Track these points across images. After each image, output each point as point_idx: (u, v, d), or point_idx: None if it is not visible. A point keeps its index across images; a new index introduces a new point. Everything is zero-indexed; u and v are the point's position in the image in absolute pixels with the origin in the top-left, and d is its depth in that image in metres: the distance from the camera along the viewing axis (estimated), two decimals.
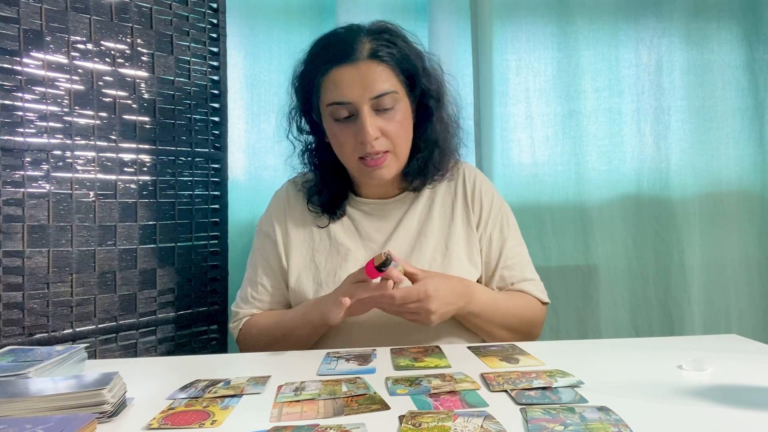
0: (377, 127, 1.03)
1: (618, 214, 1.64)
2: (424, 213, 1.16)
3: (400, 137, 1.07)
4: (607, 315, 1.64)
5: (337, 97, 1.03)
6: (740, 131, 1.66)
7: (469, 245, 1.14)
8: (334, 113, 1.05)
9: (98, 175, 1.25)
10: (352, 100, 1.02)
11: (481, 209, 1.16)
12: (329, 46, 1.05)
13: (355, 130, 1.03)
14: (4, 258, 1.12)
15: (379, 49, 1.03)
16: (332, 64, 1.03)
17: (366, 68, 1.02)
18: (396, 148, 1.07)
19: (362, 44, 1.03)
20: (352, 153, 1.06)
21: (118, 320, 1.28)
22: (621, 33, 1.65)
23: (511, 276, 1.15)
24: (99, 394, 0.66)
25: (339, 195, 1.16)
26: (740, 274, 1.65)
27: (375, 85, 1.02)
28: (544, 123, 1.65)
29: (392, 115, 1.04)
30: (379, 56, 1.02)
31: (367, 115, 1.02)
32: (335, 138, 1.08)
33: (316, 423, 0.64)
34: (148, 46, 1.32)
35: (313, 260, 1.13)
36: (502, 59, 1.65)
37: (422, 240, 1.13)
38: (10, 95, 1.13)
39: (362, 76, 1.01)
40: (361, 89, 1.01)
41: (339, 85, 1.02)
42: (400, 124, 1.06)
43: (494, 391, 0.73)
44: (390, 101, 1.03)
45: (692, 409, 0.66)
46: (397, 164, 1.09)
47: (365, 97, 1.02)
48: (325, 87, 1.04)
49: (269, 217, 1.19)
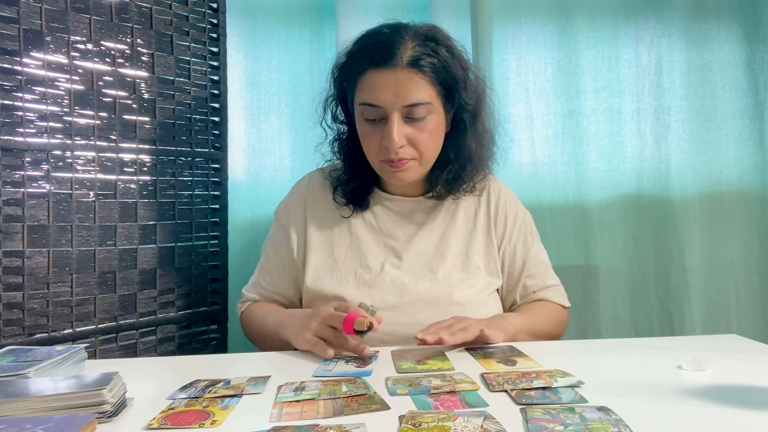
0: (404, 135, 1.02)
1: (618, 214, 1.64)
2: (448, 218, 1.15)
3: (428, 148, 1.05)
4: (607, 315, 1.64)
5: (369, 99, 1.02)
6: (740, 131, 1.66)
7: (487, 256, 1.14)
8: (364, 113, 1.04)
9: (98, 175, 1.25)
10: (383, 105, 1.01)
11: (505, 223, 1.16)
12: (372, 45, 1.03)
13: (382, 133, 1.02)
14: (4, 258, 1.12)
15: (421, 57, 1.00)
16: (370, 65, 1.01)
17: (403, 75, 1.00)
18: (422, 158, 1.06)
19: (404, 49, 1.00)
20: (377, 154, 1.06)
21: (118, 320, 1.28)
22: (621, 33, 1.65)
23: (533, 285, 1.16)
24: (99, 394, 0.66)
25: (365, 187, 1.15)
26: (740, 274, 1.65)
27: (409, 94, 1.00)
28: (544, 123, 1.65)
29: (423, 125, 1.03)
30: (419, 65, 1.00)
31: (395, 123, 1.00)
32: (363, 136, 1.07)
33: (316, 423, 0.64)
34: (148, 46, 1.32)
35: (332, 255, 1.13)
36: (502, 59, 1.64)
37: (444, 245, 1.12)
38: (10, 95, 1.13)
39: (398, 82, 1.00)
40: (394, 96, 1.00)
41: (373, 87, 1.01)
42: (429, 135, 1.04)
43: (494, 391, 0.73)
44: (423, 111, 1.02)
45: (692, 409, 0.66)
46: (421, 170, 1.08)
47: (397, 104, 1.00)
48: (360, 86, 1.03)
49: (285, 208, 1.19)
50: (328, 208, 1.16)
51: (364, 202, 1.15)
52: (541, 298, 1.16)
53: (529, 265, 1.16)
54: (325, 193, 1.17)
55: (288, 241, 1.15)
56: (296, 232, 1.16)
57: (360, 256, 1.11)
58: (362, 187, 1.15)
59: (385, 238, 1.13)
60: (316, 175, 1.21)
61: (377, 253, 1.11)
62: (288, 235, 1.16)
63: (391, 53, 1.00)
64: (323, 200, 1.17)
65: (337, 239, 1.14)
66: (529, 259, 1.16)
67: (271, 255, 1.18)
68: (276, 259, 1.17)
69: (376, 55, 1.01)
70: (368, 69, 1.01)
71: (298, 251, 1.15)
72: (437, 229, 1.14)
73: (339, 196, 1.15)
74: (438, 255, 1.11)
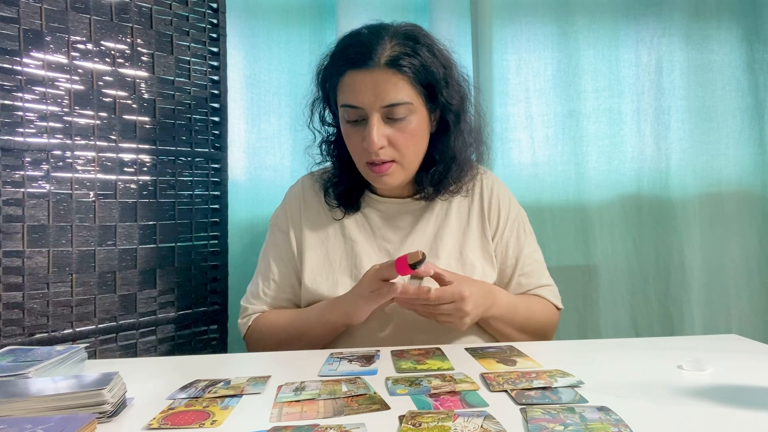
0: (385, 136, 1.01)
1: (618, 214, 1.64)
2: (441, 217, 1.15)
3: (409, 149, 1.04)
4: (607, 315, 1.64)
5: (349, 100, 1.02)
6: (740, 131, 1.66)
7: (483, 252, 1.14)
8: (345, 114, 1.04)
9: (98, 175, 1.25)
10: (362, 106, 1.00)
11: (498, 218, 1.16)
12: (350, 47, 1.03)
13: (363, 134, 1.02)
14: (4, 258, 1.12)
15: (400, 57, 0.99)
16: (348, 66, 1.01)
17: (380, 76, 0.99)
18: (403, 159, 1.05)
19: (382, 49, 0.99)
20: (360, 156, 1.06)
21: (118, 320, 1.28)
22: (621, 33, 1.65)
23: (528, 283, 1.15)
24: (99, 394, 0.66)
25: (355, 189, 1.15)
26: (740, 274, 1.65)
27: (388, 94, 0.99)
28: (544, 123, 1.65)
29: (404, 125, 1.02)
30: (397, 65, 0.99)
31: (374, 124, 1.00)
32: (346, 138, 1.07)
33: (316, 423, 0.64)
34: (148, 46, 1.32)
35: (327, 258, 1.12)
36: (502, 59, 1.64)
37: (438, 244, 1.12)
38: (10, 95, 1.13)
39: (376, 83, 0.99)
40: (372, 96, 0.99)
41: (352, 88, 1.01)
42: (410, 136, 1.03)
43: (494, 391, 0.73)
44: (403, 111, 1.01)
45: (692, 409, 0.66)
46: (404, 174, 1.08)
47: (376, 105, 1.00)
48: (341, 87, 1.03)
49: (283, 213, 1.18)
50: (322, 212, 1.16)
51: (355, 204, 1.14)
52: (537, 294, 1.16)
53: (523, 262, 1.15)
54: (318, 197, 1.17)
55: (290, 246, 1.15)
56: (295, 235, 1.15)
57: (354, 257, 1.11)
58: (352, 188, 1.14)
59: (379, 240, 1.13)
60: (307, 180, 1.21)
61: (371, 255, 1.11)
62: (289, 239, 1.15)
63: (369, 53, 0.99)
64: (316, 204, 1.17)
65: (332, 241, 1.14)
66: (522, 257, 1.16)
67: (274, 263, 1.15)
68: (279, 266, 1.15)
69: (353, 55, 1.01)
70: (347, 70, 1.01)
71: (298, 254, 1.14)
72: (430, 229, 1.14)
73: (330, 199, 1.15)
74: (432, 254, 1.11)
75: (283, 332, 1.09)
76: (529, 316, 1.11)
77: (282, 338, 1.08)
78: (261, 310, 1.15)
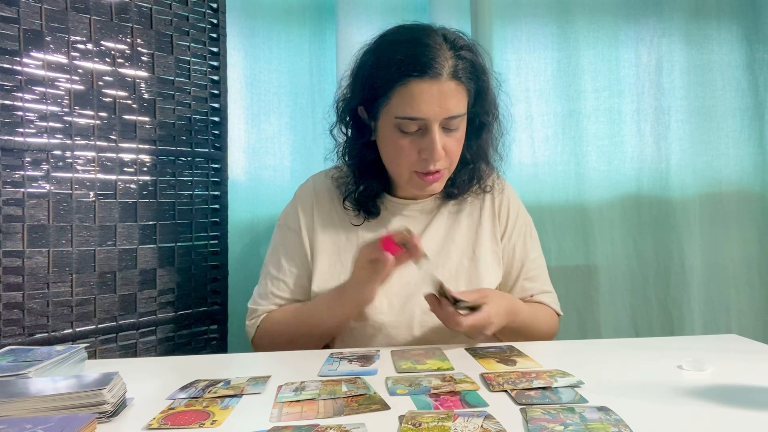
0: (443, 146, 1.01)
1: (618, 214, 1.64)
2: (453, 216, 1.15)
3: (457, 155, 1.06)
4: (607, 315, 1.64)
5: (411, 112, 0.98)
6: (740, 131, 1.66)
7: (493, 252, 1.14)
8: (401, 125, 1.00)
9: (98, 175, 1.25)
10: (425, 117, 0.98)
11: (507, 220, 1.17)
12: (414, 55, 0.97)
13: (420, 144, 1.00)
14: (4, 258, 1.12)
15: (461, 69, 0.99)
16: (413, 75, 0.96)
17: (447, 87, 0.97)
18: (451, 165, 1.06)
19: (445, 59, 0.97)
20: (411, 165, 1.03)
21: (118, 320, 1.28)
22: (621, 33, 1.65)
23: (532, 288, 1.16)
24: (99, 394, 0.66)
25: (375, 193, 1.13)
26: (740, 274, 1.65)
27: (452, 106, 0.98)
28: (544, 123, 1.65)
29: (455, 134, 1.02)
30: (459, 77, 0.98)
31: (437, 136, 0.99)
32: (395, 148, 1.03)
33: (316, 423, 0.64)
34: (148, 46, 1.32)
35: (339, 261, 1.11)
36: (502, 59, 1.64)
37: (450, 243, 1.12)
38: (10, 95, 1.13)
39: (442, 94, 0.97)
40: (438, 108, 0.97)
41: (417, 99, 0.97)
42: (459, 143, 1.04)
43: (494, 391, 0.73)
44: (459, 122, 1.02)
45: (692, 409, 0.66)
46: (447, 178, 1.09)
47: (440, 117, 0.98)
48: (400, 96, 0.98)
49: (294, 211, 1.16)
50: (335, 213, 1.14)
51: (374, 209, 1.12)
52: (540, 301, 1.17)
53: (528, 267, 1.16)
54: (332, 198, 1.16)
55: (302, 245, 1.13)
56: (308, 235, 1.13)
57: None
58: (374, 192, 1.12)
59: None
60: (321, 179, 1.19)
61: None
62: (301, 239, 1.13)
63: (436, 63, 0.96)
64: (329, 205, 1.15)
65: (344, 244, 1.12)
66: (528, 262, 1.16)
67: (284, 263, 1.13)
68: (290, 265, 1.13)
69: (419, 64, 0.96)
70: (411, 79, 0.96)
71: (311, 253, 1.13)
72: (442, 228, 1.14)
73: (350, 203, 1.13)
74: (444, 253, 1.11)
75: (292, 330, 1.08)
76: (539, 326, 1.12)
77: (291, 336, 1.07)
78: (269, 310, 1.13)
